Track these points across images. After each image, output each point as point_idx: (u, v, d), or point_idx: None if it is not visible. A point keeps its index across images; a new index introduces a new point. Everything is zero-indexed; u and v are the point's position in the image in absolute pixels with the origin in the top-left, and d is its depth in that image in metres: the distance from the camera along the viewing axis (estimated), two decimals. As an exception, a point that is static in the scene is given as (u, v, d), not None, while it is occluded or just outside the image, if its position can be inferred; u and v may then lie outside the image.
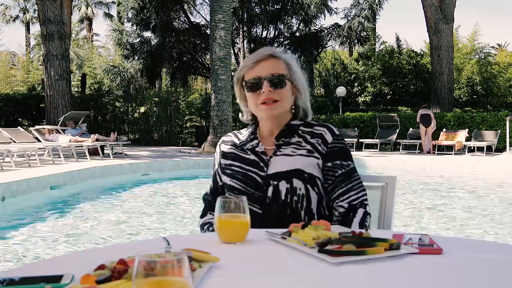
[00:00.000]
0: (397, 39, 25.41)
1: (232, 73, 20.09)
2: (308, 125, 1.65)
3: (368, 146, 15.87)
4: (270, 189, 1.56)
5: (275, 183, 1.56)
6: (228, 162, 1.67)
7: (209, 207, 1.71)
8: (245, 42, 21.96)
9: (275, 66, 1.59)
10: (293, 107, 1.66)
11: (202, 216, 1.73)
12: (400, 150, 15.32)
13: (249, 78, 1.59)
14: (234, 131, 1.78)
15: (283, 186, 1.55)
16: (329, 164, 1.59)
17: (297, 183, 1.54)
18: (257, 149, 1.64)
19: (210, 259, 1.00)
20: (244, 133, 1.73)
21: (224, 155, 1.70)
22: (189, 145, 18.16)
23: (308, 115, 1.69)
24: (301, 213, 1.55)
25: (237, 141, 1.71)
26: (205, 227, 1.67)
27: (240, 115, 1.75)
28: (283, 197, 1.54)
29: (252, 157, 1.63)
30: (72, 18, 24.91)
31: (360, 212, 1.55)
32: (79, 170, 8.81)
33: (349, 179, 1.59)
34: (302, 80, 1.65)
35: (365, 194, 1.61)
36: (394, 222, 1.81)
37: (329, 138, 1.61)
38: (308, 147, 1.60)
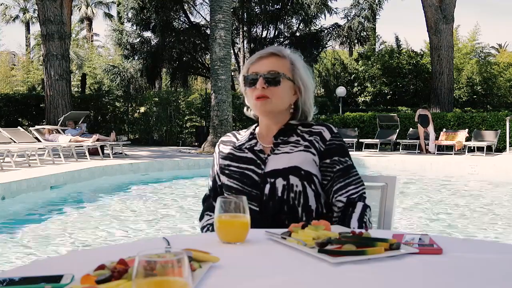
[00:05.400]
0: (397, 39, 25.37)
1: (232, 73, 20.15)
2: (307, 125, 1.66)
3: (368, 146, 15.87)
4: (267, 186, 1.56)
5: (272, 180, 1.56)
6: (227, 162, 1.67)
7: (207, 208, 1.72)
8: (245, 42, 21.96)
9: (275, 64, 1.60)
10: (292, 106, 1.65)
11: (200, 219, 1.73)
12: (400, 150, 15.32)
13: (249, 74, 1.62)
14: (233, 132, 1.79)
15: (279, 183, 1.55)
16: (327, 160, 1.59)
17: (293, 180, 1.55)
18: (255, 148, 1.65)
19: (210, 259, 1.00)
20: (243, 134, 1.74)
21: (222, 155, 1.71)
22: (189, 145, 18.16)
23: (308, 117, 1.68)
24: (298, 210, 1.56)
25: (236, 141, 1.72)
26: (204, 230, 1.68)
27: (245, 109, 1.75)
28: (279, 194, 1.55)
29: (249, 155, 1.64)
30: (72, 18, 24.96)
31: (359, 206, 1.54)
32: (79, 170, 8.81)
33: (348, 174, 1.59)
34: (306, 81, 1.64)
35: (364, 188, 1.60)
36: (394, 222, 1.81)
37: (327, 135, 1.61)
38: (306, 143, 1.60)
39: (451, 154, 13.96)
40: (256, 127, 1.72)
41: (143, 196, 7.63)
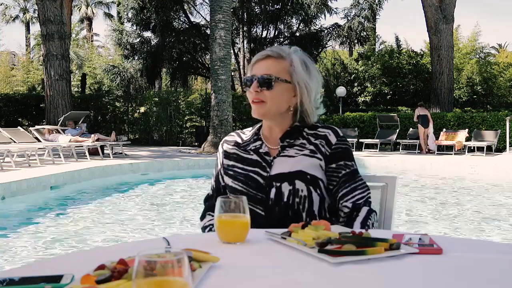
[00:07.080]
0: (397, 39, 25.37)
1: (232, 73, 20.15)
2: (312, 127, 1.64)
3: (368, 146, 15.87)
4: (273, 190, 1.55)
5: (278, 184, 1.55)
6: (231, 163, 1.66)
7: (209, 208, 1.70)
8: (245, 42, 21.96)
9: (270, 66, 1.57)
10: (291, 108, 1.61)
11: (202, 219, 1.73)
12: (400, 150, 15.33)
13: (246, 76, 1.61)
14: (237, 131, 1.77)
15: (285, 188, 1.54)
16: (333, 165, 1.58)
17: (299, 184, 1.54)
18: (260, 150, 1.63)
19: (210, 259, 1.00)
20: (247, 133, 1.72)
21: (226, 155, 1.69)
22: (189, 145, 18.16)
23: (306, 118, 1.63)
24: (302, 215, 1.55)
25: (240, 141, 1.70)
26: (206, 230, 1.67)
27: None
28: (285, 199, 1.54)
29: (254, 157, 1.62)
30: (72, 18, 24.94)
31: (364, 210, 1.54)
32: (79, 170, 8.81)
33: (354, 179, 1.59)
34: (305, 83, 1.58)
35: (369, 193, 1.60)
36: (394, 222, 1.81)
37: (333, 139, 1.60)
38: (312, 147, 1.59)
39: (451, 154, 13.96)
40: (260, 127, 1.70)
41: (143, 196, 7.63)
